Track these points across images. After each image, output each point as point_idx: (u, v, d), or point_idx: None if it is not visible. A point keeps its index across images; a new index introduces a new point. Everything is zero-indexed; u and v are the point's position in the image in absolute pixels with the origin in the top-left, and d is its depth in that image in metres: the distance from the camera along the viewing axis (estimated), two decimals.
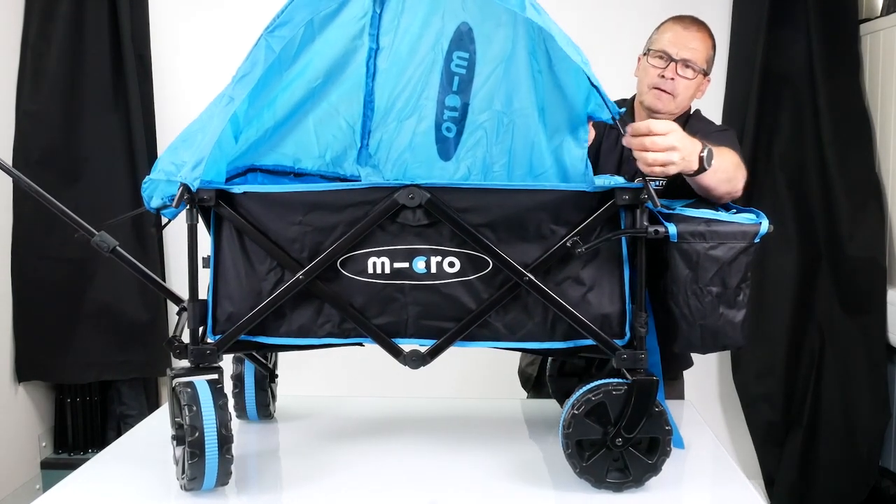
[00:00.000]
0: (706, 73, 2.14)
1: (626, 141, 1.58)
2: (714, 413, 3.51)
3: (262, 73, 1.54)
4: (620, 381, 1.53)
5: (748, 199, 3.27)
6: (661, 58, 2.09)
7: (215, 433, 1.48)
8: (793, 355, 3.29)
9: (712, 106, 3.36)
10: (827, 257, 3.23)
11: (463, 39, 1.82)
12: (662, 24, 2.18)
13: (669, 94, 2.09)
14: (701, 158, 1.61)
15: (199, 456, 1.48)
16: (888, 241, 3.11)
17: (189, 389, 1.51)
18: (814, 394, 3.25)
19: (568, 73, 1.65)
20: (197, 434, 1.47)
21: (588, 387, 1.54)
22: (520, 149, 1.83)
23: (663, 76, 2.08)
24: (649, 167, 1.54)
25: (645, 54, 2.15)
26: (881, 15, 3.12)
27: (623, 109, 1.56)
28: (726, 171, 1.75)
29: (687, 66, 2.08)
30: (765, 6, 3.18)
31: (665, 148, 1.54)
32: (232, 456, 1.51)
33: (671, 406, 1.97)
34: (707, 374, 3.52)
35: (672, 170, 1.57)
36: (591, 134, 2.28)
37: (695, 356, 2.39)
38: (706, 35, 2.13)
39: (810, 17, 3.16)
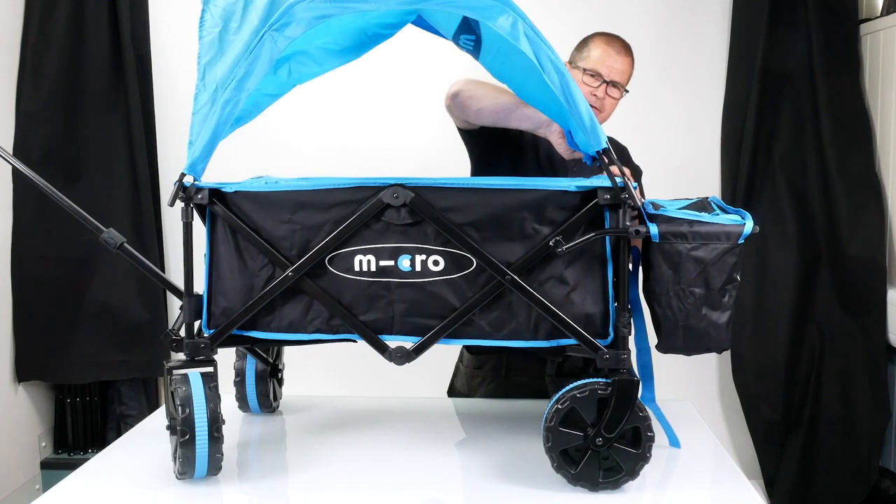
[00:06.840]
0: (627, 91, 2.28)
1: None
2: (714, 413, 3.51)
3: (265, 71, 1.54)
4: (586, 382, 1.54)
5: (748, 199, 3.28)
6: (593, 76, 2.15)
7: (206, 424, 1.53)
8: (793, 355, 3.28)
9: (712, 106, 3.36)
10: (827, 257, 3.22)
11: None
12: (591, 39, 2.21)
13: (598, 109, 2.16)
14: None
15: (189, 445, 1.53)
16: (888, 241, 3.10)
17: (182, 382, 1.55)
18: (814, 394, 3.24)
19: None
20: (188, 424, 1.52)
21: (556, 398, 1.54)
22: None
23: (595, 95, 2.15)
24: None
25: (574, 67, 2.19)
26: (881, 15, 3.11)
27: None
28: None
29: (615, 87, 2.17)
30: (765, 6, 3.18)
31: None
32: (222, 445, 1.56)
33: (672, 407, 1.97)
34: (707, 374, 3.52)
35: None
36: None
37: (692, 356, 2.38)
38: (631, 57, 2.23)
39: (810, 17, 3.16)
